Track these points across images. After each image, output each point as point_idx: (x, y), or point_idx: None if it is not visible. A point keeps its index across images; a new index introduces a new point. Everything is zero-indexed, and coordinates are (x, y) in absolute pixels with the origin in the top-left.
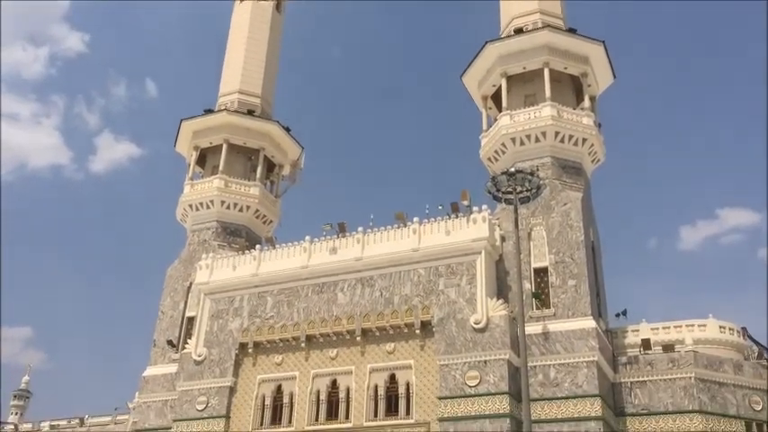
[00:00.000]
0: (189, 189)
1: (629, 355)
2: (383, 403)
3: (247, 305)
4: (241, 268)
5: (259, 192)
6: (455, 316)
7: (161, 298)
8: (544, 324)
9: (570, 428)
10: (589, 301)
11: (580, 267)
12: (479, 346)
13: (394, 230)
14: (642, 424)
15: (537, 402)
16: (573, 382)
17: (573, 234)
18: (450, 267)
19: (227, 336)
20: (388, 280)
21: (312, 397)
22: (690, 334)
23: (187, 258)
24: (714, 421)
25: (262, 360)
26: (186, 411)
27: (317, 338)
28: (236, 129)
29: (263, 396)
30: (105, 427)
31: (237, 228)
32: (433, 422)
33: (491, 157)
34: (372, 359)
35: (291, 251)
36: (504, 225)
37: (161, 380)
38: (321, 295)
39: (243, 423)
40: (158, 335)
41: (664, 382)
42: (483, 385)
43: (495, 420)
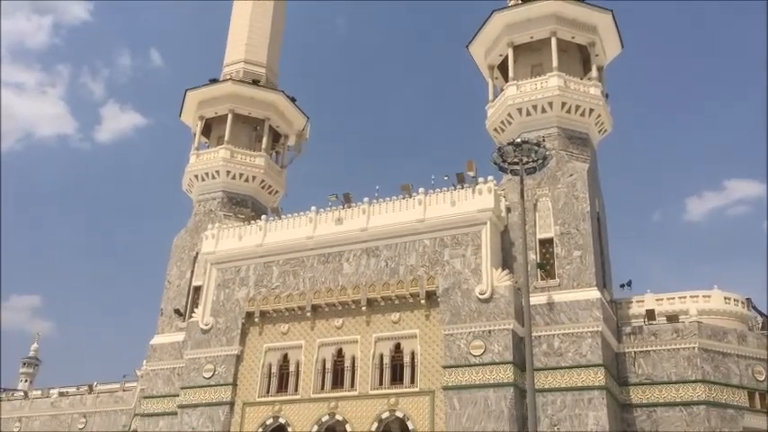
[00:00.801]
0: (194, 159)
1: (634, 326)
2: (388, 372)
3: (253, 275)
4: (247, 238)
5: (264, 162)
6: (460, 286)
7: (167, 267)
8: (549, 294)
9: (574, 397)
10: (594, 271)
11: (585, 238)
12: (484, 317)
13: (399, 201)
14: (645, 393)
15: (541, 372)
16: (577, 351)
17: (579, 205)
18: (456, 238)
19: (234, 305)
20: (393, 250)
21: (318, 365)
22: (694, 305)
23: (193, 228)
24: (717, 391)
25: (268, 329)
26: (194, 379)
27: (322, 308)
28: (242, 99)
29: (269, 364)
30: (114, 394)
31: (243, 198)
32: (437, 390)
33: (497, 127)
34: (378, 329)
35: (297, 221)
36: (510, 196)
37: (168, 348)
38: (327, 265)
39: (250, 391)
40: (165, 304)
41: (667, 352)
42: (487, 355)
43: (499, 389)
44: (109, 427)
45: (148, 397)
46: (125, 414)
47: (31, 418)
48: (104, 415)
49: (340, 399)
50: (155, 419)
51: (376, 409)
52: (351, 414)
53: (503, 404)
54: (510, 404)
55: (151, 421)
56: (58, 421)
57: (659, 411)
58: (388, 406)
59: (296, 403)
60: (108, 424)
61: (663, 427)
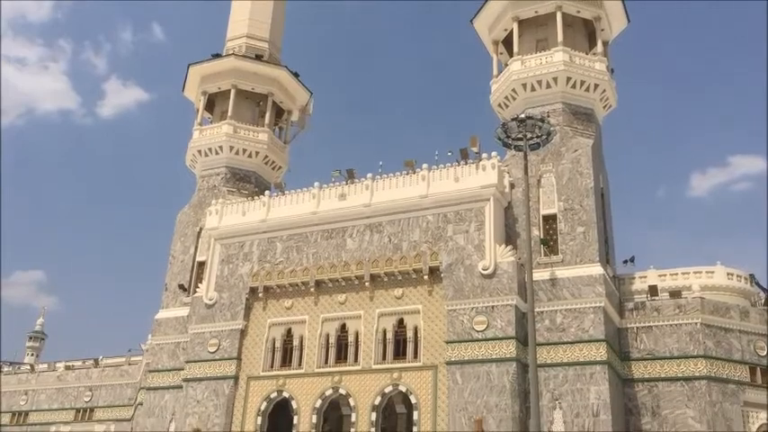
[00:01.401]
0: (198, 134)
1: (636, 301)
2: (391, 347)
3: (257, 250)
4: (250, 214)
5: (268, 138)
6: (463, 262)
7: (171, 243)
8: (552, 270)
9: (576, 372)
10: (597, 247)
11: (589, 214)
12: (487, 292)
13: (403, 177)
14: (647, 368)
15: (543, 347)
16: (579, 327)
17: (582, 181)
18: (459, 214)
19: (238, 280)
20: (396, 226)
21: (321, 340)
22: (697, 280)
23: (197, 204)
24: (718, 366)
25: (272, 304)
26: (198, 353)
27: (326, 283)
28: (244, 74)
29: (273, 339)
30: (119, 368)
31: (246, 173)
32: (440, 365)
33: (501, 103)
34: (381, 304)
35: (300, 197)
36: (514, 172)
37: (173, 323)
38: (330, 241)
39: (254, 365)
40: (170, 279)
41: (669, 328)
42: (490, 330)
43: (501, 364)
44: (115, 401)
45: (154, 371)
46: (131, 387)
47: (38, 392)
48: (110, 388)
49: (344, 373)
50: (160, 393)
51: (379, 384)
52: (354, 388)
53: (505, 379)
54: (512, 378)
55: (157, 394)
56: (65, 394)
57: (660, 386)
58: (391, 380)
59: (300, 377)
60: (114, 397)
61: (664, 402)
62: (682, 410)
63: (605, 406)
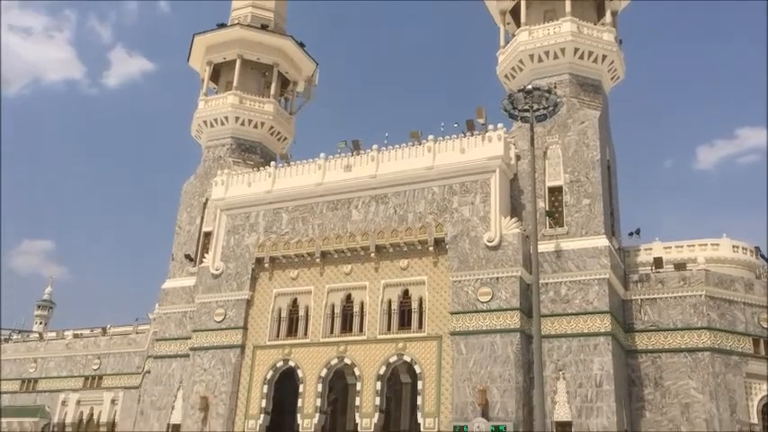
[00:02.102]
0: (203, 105)
1: (641, 273)
2: (396, 317)
3: (263, 221)
4: (256, 185)
5: (273, 108)
6: (468, 233)
7: (178, 213)
8: (557, 242)
9: (579, 343)
10: (602, 220)
11: (595, 186)
12: (492, 264)
13: (408, 148)
14: (651, 339)
15: (547, 318)
16: (584, 298)
17: (589, 153)
18: (465, 185)
19: (244, 251)
20: (402, 197)
21: (327, 310)
22: (702, 253)
23: (203, 174)
24: (722, 337)
25: (278, 275)
26: (205, 322)
27: (331, 254)
28: (250, 44)
29: (279, 309)
30: (127, 336)
31: (252, 144)
32: (444, 336)
33: (508, 74)
34: (386, 275)
35: (306, 168)
36: (520, 143)
37: (180, 292)
38: (335, 212)
39: (260, 334)
40: (176, 249)
41: (674, 300)
42: (495, 301)
43: (505, 335)
44: (123, 368)
45: (161, 339)
46: (138, 355)
47: (47, 359)
48: (118, 356)
49: (349, 343)
50: (167, 361)
51: (384, 353)
52: (359, 357)
53: (509, 349)
54: (516, 349)
55: (164, 363)
56: (73, 362)
57: (664, 357)
58: (396, 350)
59: (305, 347)
60: (122, 365)
61: (667, 373)
62: (684, 381)
63: (608, 377)
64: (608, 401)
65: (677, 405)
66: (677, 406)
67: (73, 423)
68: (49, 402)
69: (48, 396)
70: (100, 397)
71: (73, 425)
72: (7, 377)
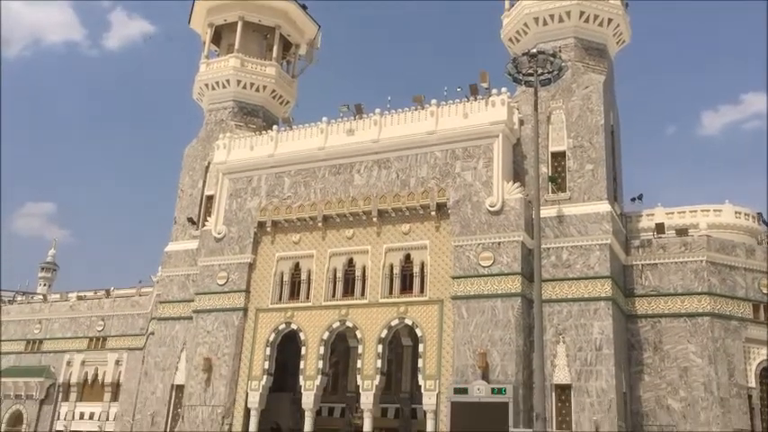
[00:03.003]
0: (205, 68)
1: (643, 239)
2: (398, 281)
3: (265, 185)
4: (258, 148)
5: (275, 71)
6: (471, 198)
7: (180, 177)
8: (559, 208)
9: (580, 308)
10: (605, 185)
11: (598, 152)
12: (494, 228)
13: (411, 112)
14: (651, 304)
15: (548, 283)
16: (585, 263)
17: (593, 118)
18: (467, 150)
19: (246, 214)
20: (404, 162)
21: (329, 274)
22: (704, 218)
23: (204, 138)
24: (722, 303)
25: (280, 238)
26: (208, 285)
27: (333, 219)
28: (251, 5)
29: (281, 273)
30: (131, 299)
31: (254, 108)
32: (446, 300)
33: (512, 37)
34: (388, 239)
35: (308, 132)
36: (523, 108)
37: (183, 255)
38: (338, 176)
39: (262, 298)
40: (178, 212)
41: (675, 265)
42: (496, 266)
43: (506, 299)
44: (127, 330)
45: (164, 302)
46: (142, 318)
47: (51, 321)
48: (122, 318)
49: (351, 306)
50: (171, 323)
51: (386, 317)
52: (361, 321)
53: (510, 313)
54: (517, 313)
55: (167, 325)
56: (77, 323)
57: (663, 322)
58: (397, 314)
59: (307, 310)
60: (126, 327)
61: (666, 337)
62: (683, 346)
63: (608, 341)
64: (607, 365)
65: (676, 369)
66: (676, 370)
67: (78, 383)
68: (54, 363)
69: (53, 357)
70: (104, 358)
71: (78, 385)
72: (12, 338)
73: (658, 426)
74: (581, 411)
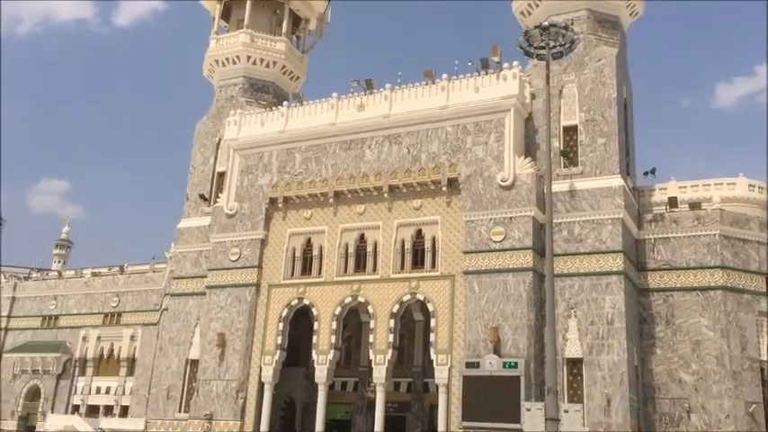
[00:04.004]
0: (214, 44)
1: (655, 213)
2: (409, 257)
3: (276, 161)
4: (269, 125)
5: (285, 47)
6: (482, 173)
7: (191, 153)
8: (571, 182)
9: (592, 282)
10: (618, 159)
11: (611, 125)
12: (505, 203)
13: (422, 87)
14: (663, 278)
15: (560, 257)
16: (597, 238)
17: (605, 91)
18: (479, 125)
19: (258, 191)
20: (415, 137)
21: (341, 250)
22: (718, 192)
23: (215, 114)
24: (735, 276)
25: (291, 214)
26: (220, 261)
27: (344, 194)
28: None
29: (293, 249)
30: (144, 275)
31: (264, 84)
32: (457, 275)
33: (524, 10)
34: (399, 215)
35: (319, 108)
36: (535, 82)
37: (195, 232)
38: (349, 152)
39: (275, 273)
40: (190, 189)
41: (687, 239)
42: (508, 240)
43: (518, 274)
44: (141, 306)
45: (178, 278)
46: (156, 294)
47: (67, 297)
48: (136, 294)
49: (362, 282)
50: (184, 299)
51: (397, 292)
52: (373, 296)
53: (521, 288)
54: (528, 288)
55: (181, 300)
56: (92, 299)
57: (676, 296)
58: (409, 289)
59: (320, 286)
60: (140, 302)
61: (678, 311)
62: (696, 319)
63: (620, 314)
64: (619, 338)
65: (688, 342)
66: (688, 343)
67: (94, 358)
68: (70, 338)
69: (68, 332)
70: (119, 333)
71: (94, 360)
72: (28, 314)
73: (670, 398)
74: (592, 385)
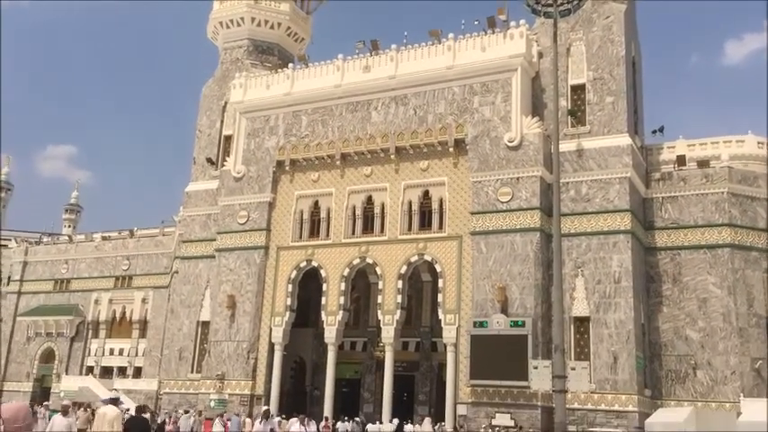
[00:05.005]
0: (218, 5)
1: (663, 172)
2: (417, 218)
3: (282, 124)
4: (275, 87)
5: (289, 8)
6: (489, 134)
7: (198, 117)
8: (578, 141)
9: (599, 241)
10: (626, 118)
11: (619, 84)
12: (512, 164)
13: (428, 47)
14: (670, 237)
15: (567, 217)
16: (604, 197)
17: (614, 49)
18: (486, 85)
19: (264, 153)
20: (422, 98)
21: (348, 212)
22: (726, 150)
23: (221, 77)
24: (743, 234)
25: (299, 177)
26: (229, 225)
27: (351, 156)
28: None
29: (300, 211)
30: (154, 239)
31: (269, 46)
32: (464, 236)
33: None
34: (406, 176)
35: (324, 70)
36: (542, 41)
37: (203, 195)
38: (355, 114)
39: (283, 236)
40: (197, 153)
41: (695, 197)
42: (515, 201)
43: (525, 234)
44: (151, 269)
45: (187, 241)
46: (166, 257)
47: (78, 261)
48: (146, 257)
49: (370, 243)
50: (194, 262)
51: (405, 253)
52: (381, 257)
53: (528, 248)
54: (536, 248)
55: (191, 263)
56: (103, 263)
57: (683, 254)
58: (416, 250)
59: (328, 248)
60: (150, 266)
61: (686, 269)
62: (703, 277)
63: (627, 273)
64: (626, 297)
65: (695, 300)
66: (695, 301)
67: (106, 321)
68: (83, 301)
69: (81, 296)
70: (131, 296)
71: (106, 322)
72: (40, 278)
73: (676, 355)
74: (599, 342)
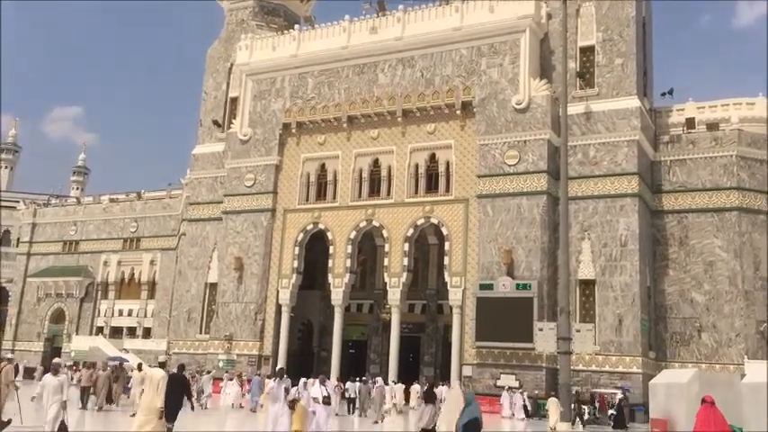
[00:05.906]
0: None
1: (672, 134)
2: (423, 181)
3: (289, 86)
4: (281, 49)
5: None
6: (496, 96)
7: (204, 79)
8: (587, 104)
9: (606, 204)
10: (635, 80)
11: (629, 45)
12: (520, 126)
13: (436, 8)
14: (678, 200)
15: (575, 180)
16: (612, 160)
17: (624, 10)
18: (493, 47)
19: (271, 116)
20: (429, 60)
21: (355, 175)
22: (737, 112)
23: (226, 39)
24: (750, 197)
25: (305, 140)
26: (236, 187)
27: (358, 119)
28: None
29: (307, 174)
30: (161, 201)
31: (275, 6)
32: (471, 198)
33: None
34: (413, 139)
35: (331, 31)
36: (551, 2)
37: (210, 158)
38: (362, 76)
39: (290, 199)
40: (204, 115)
41: (704, 161)
42: (522, 164)
43: (532, 197)
44: (159, 231)
45: (194, 204)
46: (173, 219)
47: (86, 223)
48: (154, 220)
49: (377, 206)
50: (201, 224)
51: (412, 216)
52: (387, 220)
53: (535, 211)
54: (542, 211)
55: (198, 226)
56: (111, 225)
57: (690, 217)
58: (423, 213)
59: (334, 210)
60: (158, 228)
61: (692, 232)
62: (710, 240)
63: (633, 236)
64: (632, 260)
65: (701, 263)
66: (701, 264)
67: (115, 282)
68: (91, 263)
69: (89, 257)
70: (139, 258)
71: (115, 283)
72: (49, 239)
73: (681, 318)
74: (605, 305)
